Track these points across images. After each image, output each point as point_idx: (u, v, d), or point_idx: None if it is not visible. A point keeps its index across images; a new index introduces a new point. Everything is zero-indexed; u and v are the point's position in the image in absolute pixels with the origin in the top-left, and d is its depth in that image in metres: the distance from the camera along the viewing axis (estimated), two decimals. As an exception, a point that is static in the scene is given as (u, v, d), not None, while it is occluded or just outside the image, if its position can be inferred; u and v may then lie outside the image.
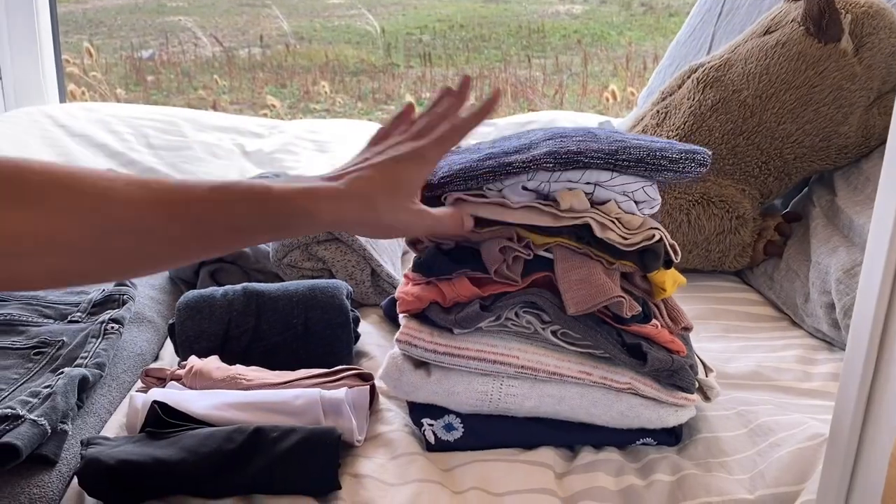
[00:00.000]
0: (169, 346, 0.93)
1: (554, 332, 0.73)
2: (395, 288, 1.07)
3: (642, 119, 1.21)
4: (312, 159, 1.73)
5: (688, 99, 1.16)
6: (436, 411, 0.76)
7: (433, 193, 0.75)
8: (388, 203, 0.62)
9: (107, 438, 0.70)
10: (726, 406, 0.81)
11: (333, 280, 0.93)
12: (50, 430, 0.66)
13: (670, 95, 1.20)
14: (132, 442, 0.69)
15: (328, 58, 4.18)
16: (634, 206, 0.75)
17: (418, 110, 0.71)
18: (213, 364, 0.80)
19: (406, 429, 0.77)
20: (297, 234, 0.58)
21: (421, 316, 0.76)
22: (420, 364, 0.76)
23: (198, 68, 4.20)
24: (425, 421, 0.76)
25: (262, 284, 0.91)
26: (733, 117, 1.12)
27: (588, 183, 0.74)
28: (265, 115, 3.62)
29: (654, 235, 0.73)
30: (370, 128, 2.03)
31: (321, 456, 0.67)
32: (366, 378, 0.79)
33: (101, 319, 0.87)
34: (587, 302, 0.71)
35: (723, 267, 1.15)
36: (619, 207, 0.74)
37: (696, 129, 1.13)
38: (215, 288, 0.91)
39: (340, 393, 0.74)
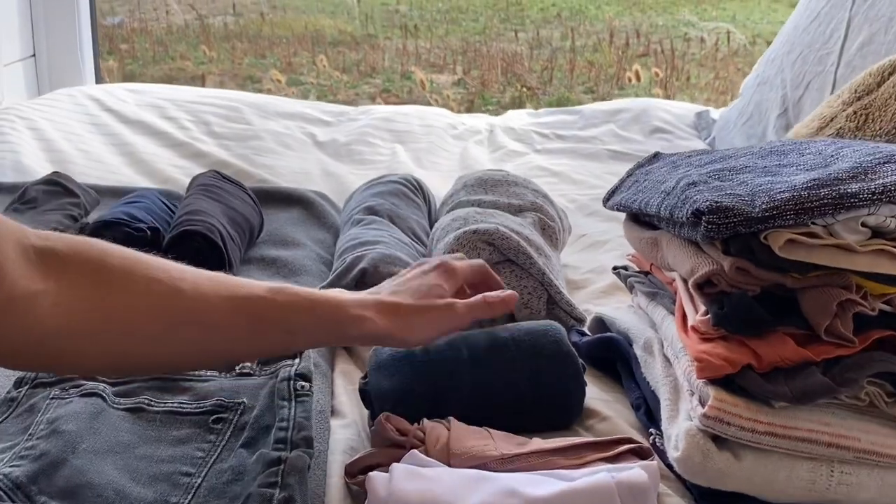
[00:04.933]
0: (341, 397, 0.77)
1: (906, 408, 0.58)
2: (574, 318, 0.91)
3: (832, 121, 1.06)
4: (396, 152, 1.55)
5: (895, 99, 1.01)
6: (739, 501, 0.61)
7: (753, 229, 0.59)
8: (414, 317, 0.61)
9: None
10: None
11: (547, 321, 0.77)
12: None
13: (867, 95, 1.05)
14: None
15: (307, 28, 3.96)
16: None
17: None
18: (463, 433, 0.63)
19: (702, 522, 0.62)
20: (345, 343, 0.64)
21: (728, 382, 0.60)
22: (721, 442, 0.61)
23: (171, 37, 3.94)
24: (728, 513, 0.61)
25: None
26: (958, 121, 0.98)
27: (946, 220, 0.59)
28: (269, 90, 3.41)
29: None
30: (441, 115, 1.85)
31: None
32: (644, 455, 0.64)
33: (280, 375, 0.69)
34: (958, 372, 0.56)
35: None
36: (984, 251, 0.60)
37: (912, 134, 0.99)
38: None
39: (642, 476, 0.58)
